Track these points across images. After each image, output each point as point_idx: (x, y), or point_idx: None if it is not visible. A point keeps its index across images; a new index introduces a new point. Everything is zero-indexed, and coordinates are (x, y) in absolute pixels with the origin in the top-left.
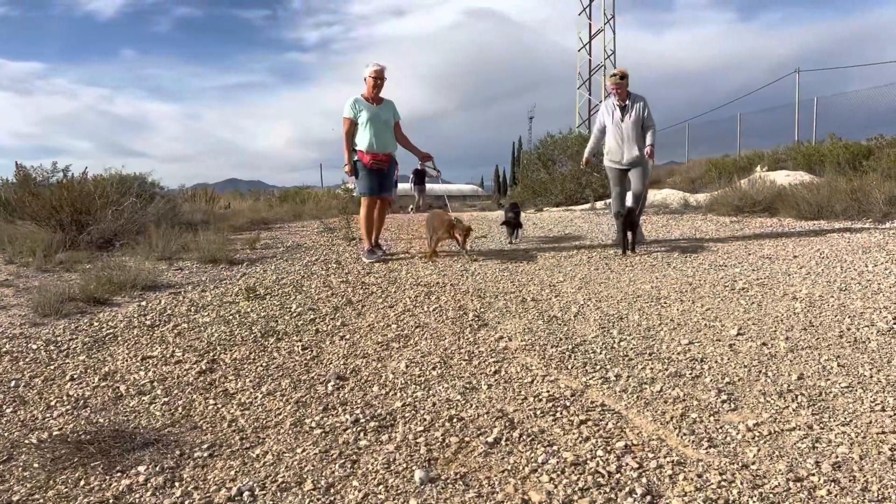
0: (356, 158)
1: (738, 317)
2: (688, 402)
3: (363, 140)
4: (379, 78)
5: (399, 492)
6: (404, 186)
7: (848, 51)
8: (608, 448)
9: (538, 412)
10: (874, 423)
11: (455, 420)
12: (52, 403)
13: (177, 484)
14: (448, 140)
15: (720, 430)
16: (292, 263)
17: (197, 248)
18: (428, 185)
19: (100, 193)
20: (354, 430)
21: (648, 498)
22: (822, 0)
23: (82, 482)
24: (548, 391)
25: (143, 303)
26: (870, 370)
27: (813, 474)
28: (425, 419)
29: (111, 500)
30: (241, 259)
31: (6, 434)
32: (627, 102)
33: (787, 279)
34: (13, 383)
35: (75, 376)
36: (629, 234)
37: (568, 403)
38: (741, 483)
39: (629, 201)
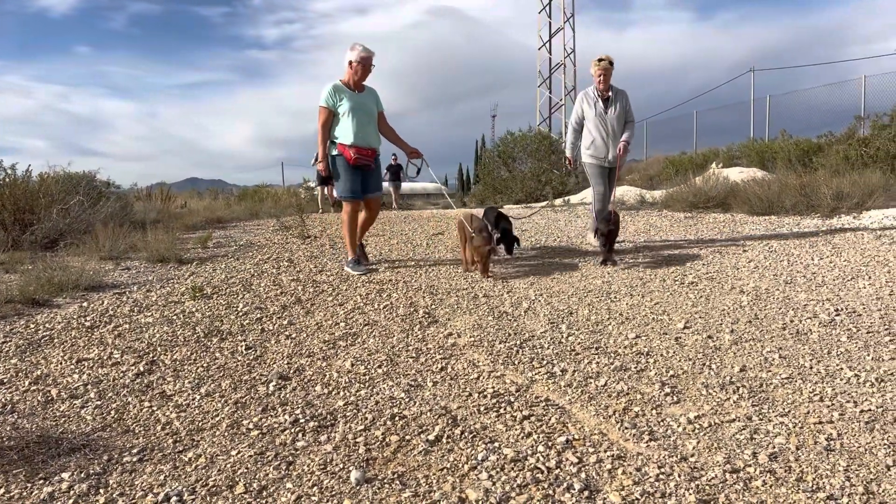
0: (336, 153)
1: (686, 310)
2: (631, 396)
3: (345, 132)
4: (366, 66)
5: (334, 493)
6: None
7: (801, 51)
8: (549, 443)
9: (482, 408)
10: (812, 413)
11: (397, 418)
12: None
13: (101, 491)
14: (411, 139)
15: (662, 424)
16: (243, 262)
17: (146, 247)
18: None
19: (44, 192)
20: (293, 430)
21: (587, 493)
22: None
23: (1, 490)
24: (493, 387)
25: (85, 304)
26: (810, 361)
27: (750, 465)
28: (367, 418)
29: None
30: (191, 258)
31: None
32: (611, 94)
33: (735, 273)
34: None
35: (5, 380)
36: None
37: (512, 399)
38: (679, 476)
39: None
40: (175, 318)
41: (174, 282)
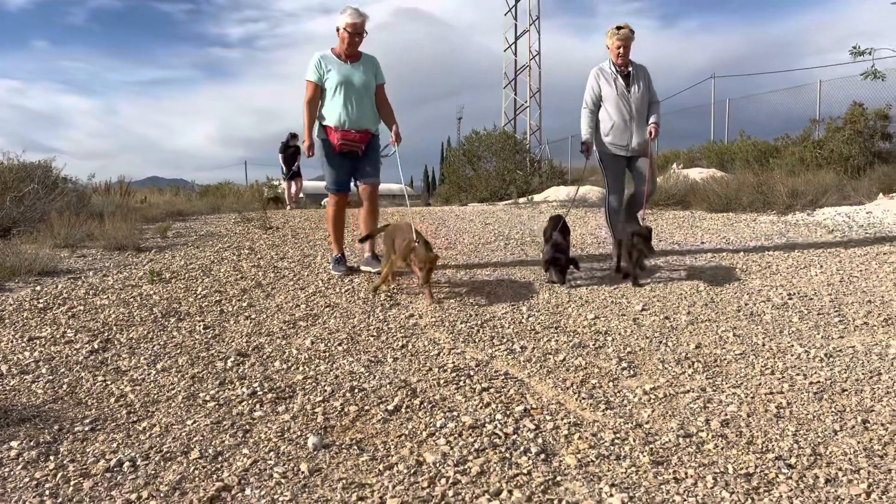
0: (322, 137)
1: (644, 294)
2: (589, 370)
3: (331, 111)
4: (357, 34)
5: (291, 458)
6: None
7: (760, 60)
8: (507, 412)
9: (442, 381)
10: (763, 385)
11: (356, 390)
12: None
13: (52, 458)
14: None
15: (618, 395)
16: (203, 250)
17: (103, 235)
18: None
19: None
20: (250, 402)
21: (543, 456)
22: (735, 10)
23: None
24: (453, 363)
25: (38, 287)
26: (763, 339)
27: (702, 431)
28: (326, 390)
29: None
30: (149, 246)
31: None
32: (631, 70)
33: (692, 261)
34: None
35: None
36: (634, 261)
37: (472, 373)
38: (633, 440)
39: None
40: (132, 300)
41: (132, 268)
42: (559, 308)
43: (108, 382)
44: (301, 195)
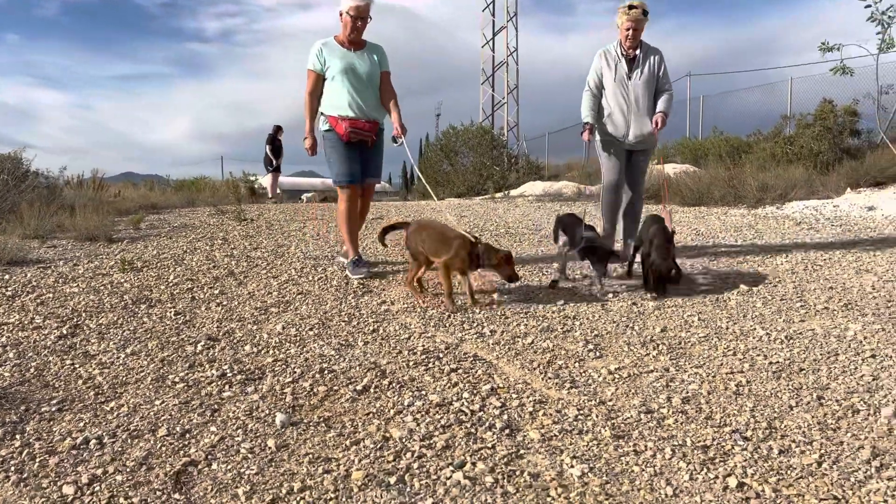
0: (327, 128)
1: (613, 282)
2: (556, 352)
3: (335, 101)
4: (360, 19)
5: (258, 434)
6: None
7: (735, 59)
8: (475, 391)
9: (411, 363)
10: (725, 365)
11: (326, 372)
12: None
13: (17, 436)
14: None
15: (583, 374)
16: (176, 240)
17: (74, 226)
18: (321, 180)
19: None
20: (220, 383)
21: (507, 431)
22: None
23: None
24: (423, 346)
25: (6, 276)
26: (727, 323)
27: (664, 407)
28: (295, 372)
29: None
30: (122, 237)
31: None
32: (639, 53)
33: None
34: None
35: None
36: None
37: (441, 355)
38: (596, 416)
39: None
40: (102, 288)
41: (103, 257)
42: (529, 294)
43: (77, 366)
44: (278, 190)
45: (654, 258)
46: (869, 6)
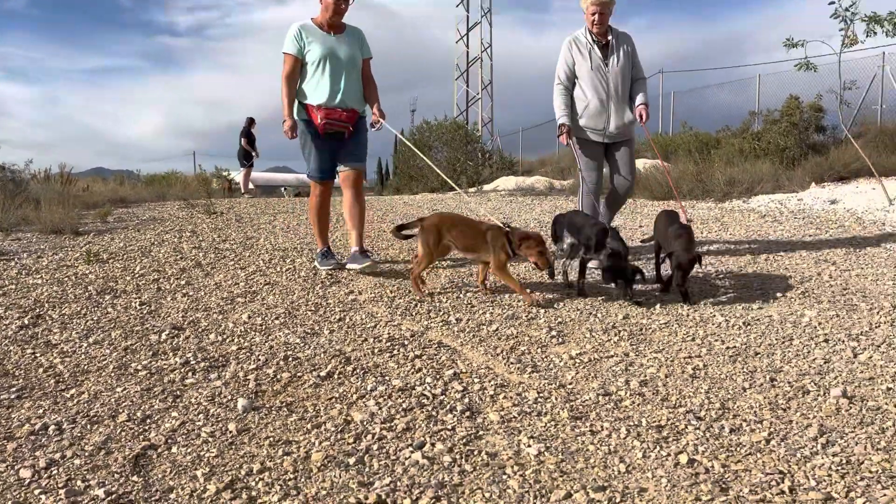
0: (304, 117)
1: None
2: (520, 339)
3: (313, 88)
4: (343, 1)
5: (220, 419)
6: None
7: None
8: (437, 376)
9: (376, 350)
10: (683, 350)
11: (290, 359)
12: None
13: None
14: None
15: (545, 360)
16: (144, 233)
17: (39, 220)
18: (294, 175)
19: None
20: (183, 370)
21: (468, 413)
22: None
23: None
24: (389, 334)
25: None
26: (687, 310)
27: (621, 390)
28: (260, 359)
29: None
30: (88, 230)
31: None
32: (610, 38)
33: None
34: None
35: None
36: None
37: (406, 343)
38: (555, 399)
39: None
40: (66, 279)
41: (68, 250)
42: (496, 285)
43: (38, 355)
44: (251, 185)
45: (676, 253)
46: (832, 2)
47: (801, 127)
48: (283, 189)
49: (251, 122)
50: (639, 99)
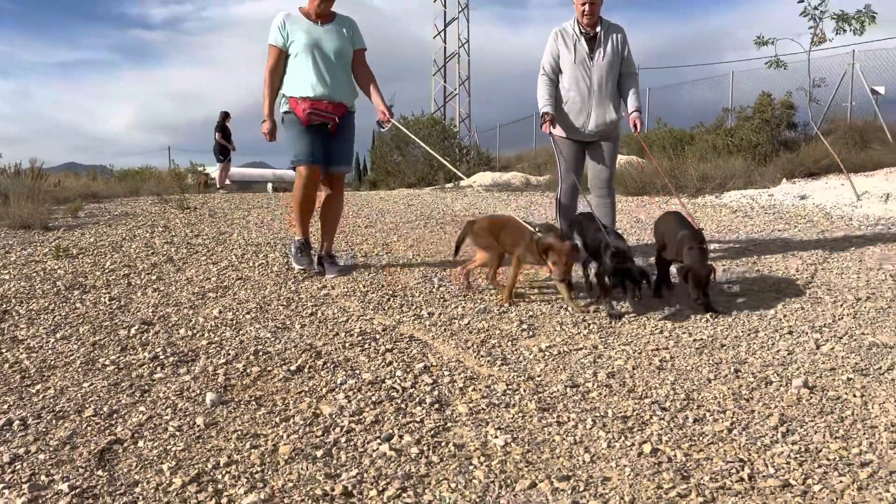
0: (286, 109)
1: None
2: (491, 332)
3: (298, 80)
4: None
5: (187, 413)
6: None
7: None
8: (408, 370)
9: (347, 345)
10: (651, 343)
11: (261, 353)
12: None
13: None
14: None
15: (515, 352)
16: (115, 228)
17: (7, 214)
18: (272, 171)
19: None
20: (151, 365)
21: (437, 406)
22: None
23: None
24: (360, 328)
25: None
26: (657, 302)
27: (589, 382)
28: (230, 354)
29: None
30: (58, 225)
31: None
32: (599, 30)
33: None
34: None
35: None
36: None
37: (378, 337)
38: (524, 391)
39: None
40: (35, 275)
41: (37, 245)
42: (470, 279)
43: (3, 350)
44: (227, 181)
45: (691, 263)
46: (801, 1)
47: (773, 124)
48: (269, 185)
49: (225, 116)
50: (631, 103)
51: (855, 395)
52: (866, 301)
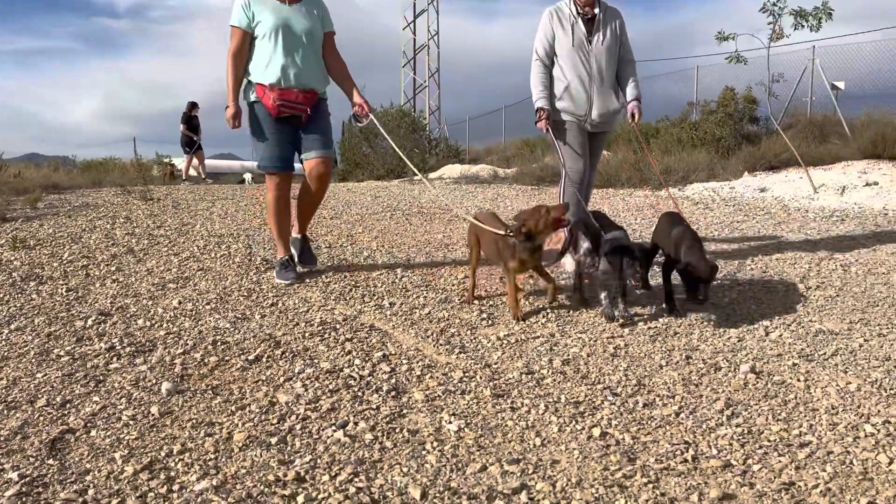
0: (253, 98)
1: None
2: (451, 321)
3: (264, 65)
4: None
5: (142, 403)
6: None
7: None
8: (366, 358)
9: (307, 334)
10: (607, 331)
11: (219, 343)
12: None
13: None
14: None
15: (473, 341)
16: (75, 219)
17: None
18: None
19: None
20: (107, 356)
21: (393, 393)
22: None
23: None
24: (321, 318)
25: None
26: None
27: (544, 369)
28: (188, 344)
29: None
30: (16, 216)
31: None
32: (598, 12)
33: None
34: None
35: None
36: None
37: (338, 326)
38: (480, 378)
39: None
40: None
41: None
42: (432, 269)
43: None
44: (203, 175)
45: (690, 260)
46: None
47: (736, 118)
48: (245, 176)
49: (192, 106)
50: (630, 92)
51: (799, 380)
52: (816, 290)
